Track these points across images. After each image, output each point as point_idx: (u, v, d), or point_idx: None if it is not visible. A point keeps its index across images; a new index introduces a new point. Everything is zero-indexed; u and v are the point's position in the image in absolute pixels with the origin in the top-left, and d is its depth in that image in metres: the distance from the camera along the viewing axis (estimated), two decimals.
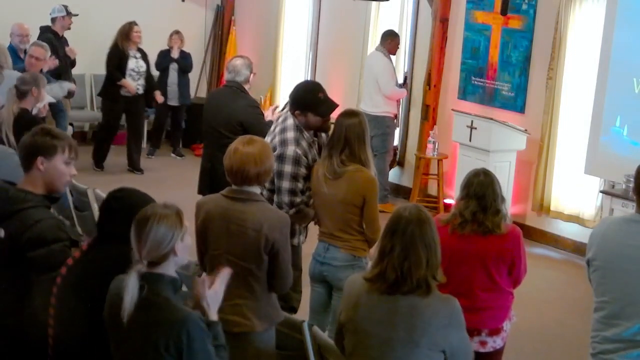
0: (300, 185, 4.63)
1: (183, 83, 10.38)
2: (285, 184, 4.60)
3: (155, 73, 10.09)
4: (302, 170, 4.62)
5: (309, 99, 4.69)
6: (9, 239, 3.26)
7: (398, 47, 8.80)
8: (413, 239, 3.06)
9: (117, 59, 9.36)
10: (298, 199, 4.63)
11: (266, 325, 3.68)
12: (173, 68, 10.28)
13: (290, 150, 4.60)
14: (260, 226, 3.55)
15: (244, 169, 3.58)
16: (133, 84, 9.43)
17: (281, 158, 4.58)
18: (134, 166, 9.80)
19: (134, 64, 9.45)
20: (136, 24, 9.46)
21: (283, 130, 4.71)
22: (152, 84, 9.73)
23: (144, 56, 9.61)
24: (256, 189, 3.68)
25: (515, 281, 4.13)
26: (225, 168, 3.65)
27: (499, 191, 4.02)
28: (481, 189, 3.97)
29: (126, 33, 9.39)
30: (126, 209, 3.09)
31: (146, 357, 2.75)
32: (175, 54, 10.27)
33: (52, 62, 7.96)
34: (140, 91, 9.54)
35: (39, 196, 3.38)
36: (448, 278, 4.08)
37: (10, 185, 3.45)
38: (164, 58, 10.28)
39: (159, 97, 9.90)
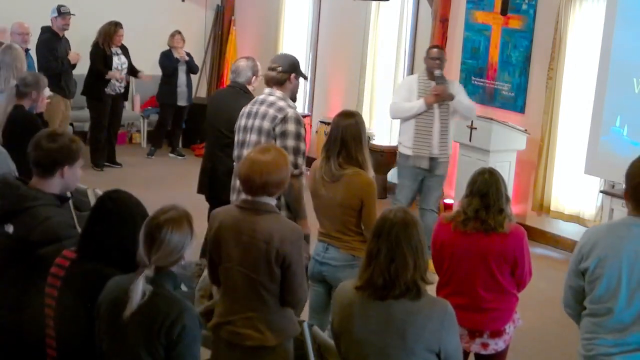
0: (302, 145, 4.67)
1: (190, 83, 10.49)
2: (290, 142, 4.65)
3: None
4: (303, 131, 4.70)
5: (297, 63, 4.98)
6: (18, 236, 3.25)
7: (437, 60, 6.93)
8: (398, 241, 3.02)
9: (101, 59, 9.42)
10: (300, 160, 4.65)
11: (281, 339, 3.53)
12: (182, 69, 10.32)
13: (291, 111, 4.72)
14: (271, 238, 3.42)
15: (250, 178, 3.47)
16: (116, 83, 9.53)
17: (284, 120, 4.67)
18: (112, 161, 9.88)
19: (117, 61, 9.53)
20: (121, 27, 9.52)
21: (272, 104, 4.78)
22: (135, 71, 9.85)
23: (125, 51, 9.68)
24: (269, 200, 3.54)
25: (519, 283, 4.13)
26: (237, 176, 3.61)
27: (504, 191, 4.03)
28: (485, 187, 3.99)
29: (110, 36, 9.45)
30: (121, 211, 3.07)
31: (140, 341, 2.78)
32: (183, 55, 10.29)
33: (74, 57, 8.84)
34: (122, 90, 9.68)
35: (50, 195, 3.38)
36: (449, 275, 4.10)
37: (21, 182, 3.43)
38: (170, 60, 10.27)
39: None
